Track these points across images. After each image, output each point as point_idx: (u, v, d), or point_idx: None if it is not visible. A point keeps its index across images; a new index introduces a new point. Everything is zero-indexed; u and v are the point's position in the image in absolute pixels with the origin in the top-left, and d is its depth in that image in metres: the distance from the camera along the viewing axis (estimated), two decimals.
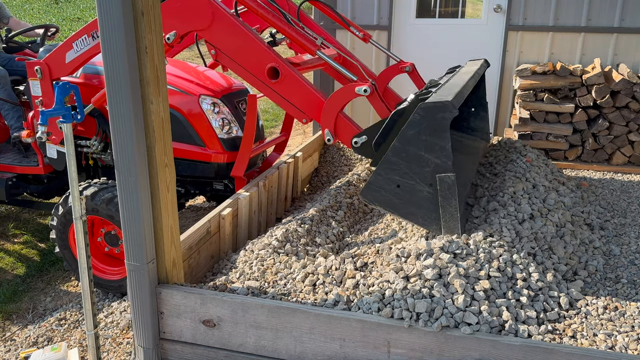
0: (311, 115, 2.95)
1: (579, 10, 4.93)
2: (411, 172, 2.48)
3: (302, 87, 2.92)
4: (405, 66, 3.97)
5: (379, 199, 2.57)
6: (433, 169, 2.44)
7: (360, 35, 4.16)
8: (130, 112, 2.07)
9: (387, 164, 2.51)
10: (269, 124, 7.75)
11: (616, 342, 2.10)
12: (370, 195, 2.59)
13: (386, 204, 2.57)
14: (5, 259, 4.09)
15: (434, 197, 2.47)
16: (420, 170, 2.46)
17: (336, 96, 2.84)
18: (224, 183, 3.78)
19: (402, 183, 2.51)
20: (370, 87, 2.75)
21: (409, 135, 2.44)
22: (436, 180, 2.44)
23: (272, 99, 3.01)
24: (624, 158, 4.67)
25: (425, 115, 2.40)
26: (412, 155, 2.46)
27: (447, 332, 2.03)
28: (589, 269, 2.70)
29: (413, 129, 2.43)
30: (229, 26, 2.91)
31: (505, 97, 5.36)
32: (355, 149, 2.80)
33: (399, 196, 2.53)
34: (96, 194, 3.15)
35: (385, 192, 2.55)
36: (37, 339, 3.05)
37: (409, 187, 2.50)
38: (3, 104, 4.04)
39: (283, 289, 2.44)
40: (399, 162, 2.48)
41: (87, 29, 3.24)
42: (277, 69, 2.92)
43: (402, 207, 2.54)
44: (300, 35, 3.14)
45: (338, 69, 3.09)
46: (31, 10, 12.46)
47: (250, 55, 2.94)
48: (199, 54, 3.87)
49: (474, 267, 2.28)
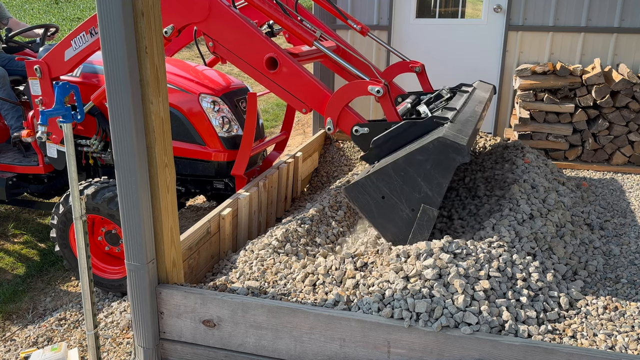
0: (311, 105, 2.94)
1: (579, 10, 4.93)
2: (401, 191, 2.54)
3: (302, 76, 2.90)
4: (416, 66, 3.97)
5: (360, 201, 2.63)
6: (422, 198, 2.51)
7: (358, 28, 4.16)
8: (130, 112, 2.07)
9: (383, 174, 2.56)
10: (269, 123, 7.75)
11: (616, 342, 2.10)
12: (353, 194, 2.64)
13: (364, 208, 2.63)
14: (5, 259, 4.09)
15: (411, 221, 2.54)
16: (411, 193, 2.52)
17: (346, 89, 2.83)
18: (224, 182, 3.77)
19: (388, 197, 2.57)
20: (383, 89, 2.76)
21: (416, 159, 2.49)
22: (420, 208, 2.51)
23: (271, 89, 3.00)
24: (624, 158, 4.67)
25: (439, 149, 2.44)
26: (409, 177, 2.51)
27: (447, 332, 2.03)
28: (589, 269, 2.70)
29: (422, 156, 2.47)
30: (226, 17, 2.90)
31: (505, 97, 5.36)
32: (353, 136, 2.82)
33: (380, 207, 2.60)
34: (97, 193, 3.15)
35: (369, 197, 2.61)
36: (37, 339, 3.05)
37: (393, 203, 2.56)
38: (3, 104, 4.04)
39: (283, 289, 2.44)
40: (394, 178, 2.54)
41: (84, 26, 3.23)
42: (275, 59, 2.90)
43: (378, 217, 2.61)
44: (297, 26, 3.13)
45: (336, 60, 3.07)
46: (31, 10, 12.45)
47: (248, 46, 2.93)
48: (199, 53, 3.87)
49: (474, 267, 2.28)
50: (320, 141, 5.02)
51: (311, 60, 3.60)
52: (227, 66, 10.25)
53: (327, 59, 3.93)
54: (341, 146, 5.01)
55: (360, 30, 4.18)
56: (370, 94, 2.79)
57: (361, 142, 2.82)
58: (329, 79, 5.62)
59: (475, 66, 5.42)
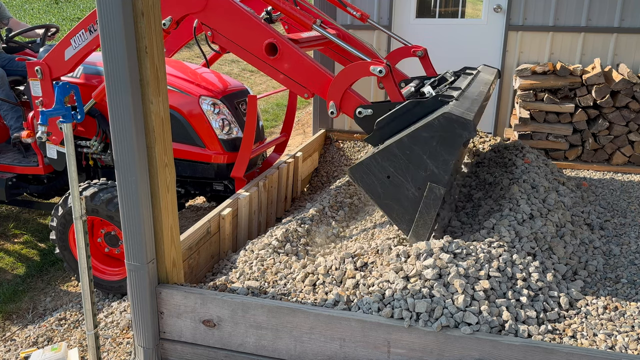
0: (313, 89, 2.91)
1: (579, 10, 4.93)
2: (407, 170, 2.48)
3: (303, 61, 2.87)
4: (418, 50, 3.93)
5: (365, 181, 2.58)
6: (428, 176, 2.45)
7: (358, 15, 4.15)
8: (130, 112, 2.07)
9: (387, 153, 2.50)
10: (268, 123, 7.75)
11: (616, 342, 2.10)
12: (358, 174, 2.60)
13: (370, 189, 2.59)
14: (5, 259, 4.09)
15: (417, 200, 2.49)
16: (416, 172, 2.47)
17: (348, 71, 2.80)
18: (224, 184, 3.77)
19: (393, 176, 2.52)
20: (385, 69, 2.71)
21: (421, 136, 2.43)
22: (426, 187, 2.46)
23: (272, 76, 2.97)
24: (624, 158, 4.67)
25: (445, 125, 2.38)
26: (415, 155, 2.45)
27: (447, 332, 2.03)
28: (589, 269, 2.70)
29: (427, 132, 2.42)
30: (223, 5, 2.89)
31: (505, 97, 5.36)
32: (357, 118, 2.78)
33: (385, 186, 2.55)
34: (96, 195, 3.15)
35: (374, 177, 2.56)
36: (37, 339, 3.05)
37: (398, 182, 2.51)
38: (2, 104, 4.04)
39: (283, 289, 2.44)
40: (399, 157, 2.48)
41: (83, 24, 3.23)
42: (275, 45, 2.88)
43: (384, 197, 2.56)
44: (296, 10, 3.10)
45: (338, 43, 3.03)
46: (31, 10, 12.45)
47: (247, 33, 2.91)
48: (201, 51, 3.87)
49: (474, 267, 2.28)
50: (320, 141, 5.02)
51: (311, 48, 3.57)
52: (227, 67, 10.25)
53: (327, 47, 3.88)
54: (341, 146, 5.02)
55: (360, 17, 4.16)
56: (372, 75, 2.74)
57: (365, 124, 2.76)
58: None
59: (475, 66, 5.41)
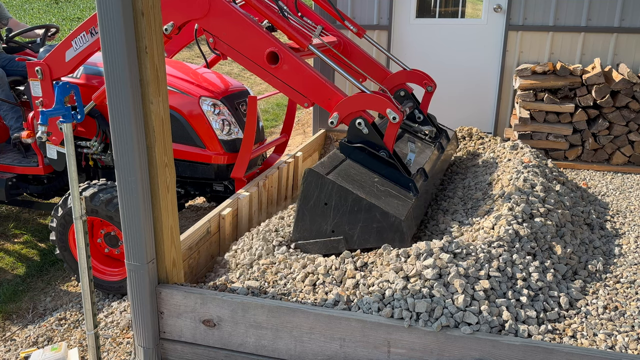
0: (313, 99, 2.94)
1: (579, 10, 4.93)
2: (342, 216, 2.66)
3: (303, 70, 2.90)
4: (429, 85, 3.96)
5: (309, 189, 2.70)
6: (348, 234, 2.66)
7: (355, 30, 4.15)
8: (130, 112, 2.07)
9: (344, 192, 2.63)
10: (269, 123, 7.75)
11: (616, 342, 2.10)
12: (311, 178, 2.70)
13: (306, 197, 2.73)
14: (5, 259, 4.09)
15: (324, 235, 2.71)
16: (345, 225, 2.66)
17: (367, 99, 2.84)
18: (224, 184, 3.77)
19: (327, 208, 2.68)
20: (399, 116, 2.79)
21: (372, 214, 2.60)
22: (339, 237, 2.68)
23: (273, 84, 2.99)
24: (624, 158, 4.67)
25: (390, 227, 2.56)
26: (356, 217, 2.64)
27: (447, 332, 2.03)
28: (589, 269, 2.70)
29: (375, 215, 2.59)
30: (226, 13, 2.90)
31: (505, 97, 5.36)
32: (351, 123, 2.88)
33: (316, 207, 2.71)
34: (95, 195, 3.15)
35: (318, 192, 2.68)
36: (37, 339, 3.05)
37: (326, 214, 2.69)
38: (2, 105, 4.05)
39: (283, 288, 2.44)
40: (348, 204, 2.65)
41: (85, 26, 3.23)
42: (276, 54, 2.90)
43: (308, 212, 2.73)
44: (293, 28, 3.11)
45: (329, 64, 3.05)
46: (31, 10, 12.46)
47: (248, 41, 2.92)
48: (200, 52, 3.87)
49: (474, 267, 2.28)
50: (320, 141, 5.02)
51: (312, 55, 3.59)
52: (227, 67, 10.25)
53: (329, 55, 3.91)
54: None
55: (356, 32, 4.16)
56: (385, 115, 2.82)
57: (354, 132, 2.88)
58: (329, 75, 5.62)
59: (475, 66, 5.42)
